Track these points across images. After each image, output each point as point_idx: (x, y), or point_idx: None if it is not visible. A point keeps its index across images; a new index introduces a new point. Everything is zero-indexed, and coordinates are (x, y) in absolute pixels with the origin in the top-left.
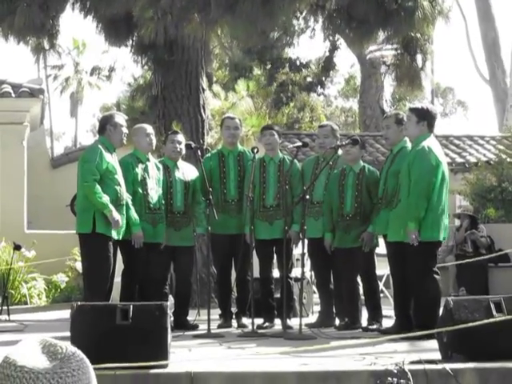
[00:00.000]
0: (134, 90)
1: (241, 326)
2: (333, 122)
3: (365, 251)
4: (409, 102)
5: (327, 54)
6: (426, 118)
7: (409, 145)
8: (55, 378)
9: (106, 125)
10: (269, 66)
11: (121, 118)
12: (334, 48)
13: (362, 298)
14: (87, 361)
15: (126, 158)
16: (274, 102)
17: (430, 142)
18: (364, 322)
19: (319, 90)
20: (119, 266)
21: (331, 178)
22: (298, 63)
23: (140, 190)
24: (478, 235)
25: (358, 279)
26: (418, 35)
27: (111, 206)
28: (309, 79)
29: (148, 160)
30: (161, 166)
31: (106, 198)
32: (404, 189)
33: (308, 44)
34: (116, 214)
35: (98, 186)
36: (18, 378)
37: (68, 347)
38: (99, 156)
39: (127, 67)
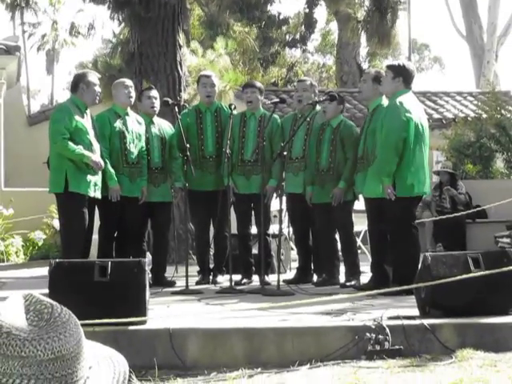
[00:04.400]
0: (113, 46)
1: (214, 282)
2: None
3: (334, 205)
4: (385, 58)
5: (306, 10)
6: (401, 74)
7: (385, 102)
8: (42, 344)
9: (78, 83)
10: (246, 24)
11: (94, 77)
12: (313, 4)
13: (340, 254)
14: (74, 319)
15: (104, 113)
16: (260, 61)
17: (404, 98)
18: (342, 278)
19: (302, 47)
20: (98, 223)
21: (311, 132)
22: (277, 19)
23: (118, 144)
24: (455, 192)
25: (337, 236)
26: None
27: (88, 152)
28: (288, 36)
29: (127, 114)
30: (142, 121)
31: (79, 148)
32: (378, 145)
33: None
34: (96, 157)
35: (68, 142)
36: (4, 344)
37: (54, 306)
38: (68, 115)
39: (106, 25)
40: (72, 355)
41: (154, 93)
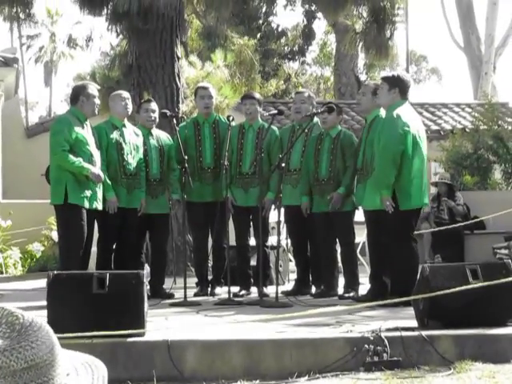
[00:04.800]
0: (111, 58)
1: (212, 294)
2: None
3: (331, 209)
4: (382, 69)
5: (305, 22)
6: (397, 85)
7: (383, 113)
8: (14, 354)
9: (79, 95)
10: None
11: (94, 89)
12: (312, 17)
13: (340, 265)
14: (46, 328)
15: (101, 125)
16: (260, 73)
17: (401, 110)
18: (340, 289)
19: (300, 58)
20: (97, 235)
21: (309, 142)
22: (276, 32)
23: (115, 156)
24: (453, 203)
25: (336, 247)
26: (388, 4)
27: (87, 165)
28: (287, 48)
29: (124, 126)
30: (139, 133)
31: (79, 161)
32: (376, 157)
33: (282, 12)
34: (95, 170)
35: (68, 154)
36: None
37: (25, 316)
38: (67, 127)
39: (104, 36)
40: (46, 363)
41: (153, 105)
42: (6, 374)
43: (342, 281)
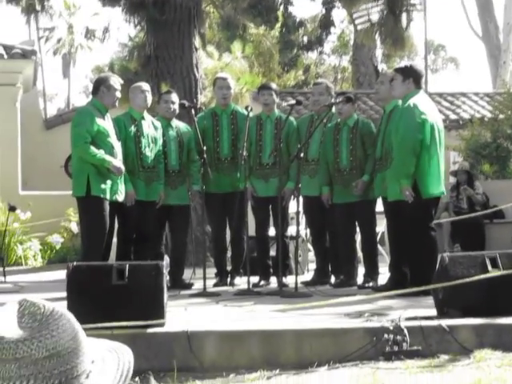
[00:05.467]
0: (129, 50)
1: (232, 284)
2: (327, 80)
3: (355, 194)
4: (401, 59)
5: (323, 12)
6: (410, 75)
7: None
8: (35, 343)
9: (99, 86)
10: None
11: (115, 81)
12: (330, 6)
13: (359, 255)
14: (68, 316)
15: (120, 117)
16: (281, 65)
17: (417, 99)
18: (359, 279)
19: (318, 48)
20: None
21: (326, 133)
22: (295, 22)
23: (133, 148)
24: (472, 192)
25: (356, 236)
26: None
27: (109, 157)
28: (306, 38)
29: (143, 118)
30: (158, 125)
31: (101, 153)
32: (394, 148)
33: (301, 2)
34: (116, 162)
35: (90, 146)
36: None
37: (46, 306)
38: (89, 119)
39: (121, 28)
40: (68, 350)
41: (173, 97)
42: (28, 362)
43: (361, 270)
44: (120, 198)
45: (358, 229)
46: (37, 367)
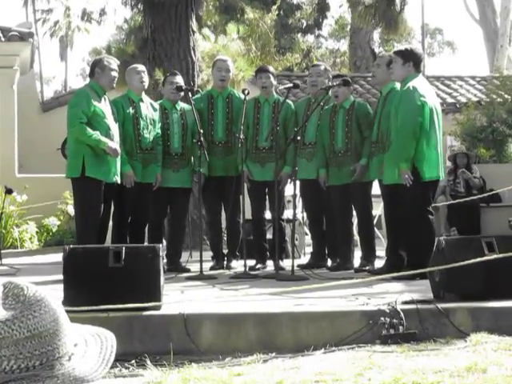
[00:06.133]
0: (126, 33)
1: (228, 267)
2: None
3: (354, 180)
4: (398, 43)
5: None
6: (410, 58)
7: (398, 86)
8: (16, 324)
9: (94, 68)
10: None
11: (111, 62)
12: None
13: (355, 238)
14: (50, 298)
15: (118, 99)
16: (276, 48)
17: (416, 82)
18: (356, 262)
19: (316, 31)
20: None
21: (322, 115)
22: (292, 5)
23: (131, 130)
24: (470, 175)
25: (353, 219)
26: None
27: (104, 139)
28: (303, 22)
29: (141, 100)
30: (157, 107)
31: (96, 134)
32: (393, 131)
33: None
34: (112, 144)
35: (85, 127)
36: None
37: (29, 288)
38: (85, 100)
39: (118, 10)
40: (50, 332)
41: (178, 78)
42: (9, 343)
43: (357, 254)
44: (117, 180)
45: (354, 212)
46: (18, 348)
